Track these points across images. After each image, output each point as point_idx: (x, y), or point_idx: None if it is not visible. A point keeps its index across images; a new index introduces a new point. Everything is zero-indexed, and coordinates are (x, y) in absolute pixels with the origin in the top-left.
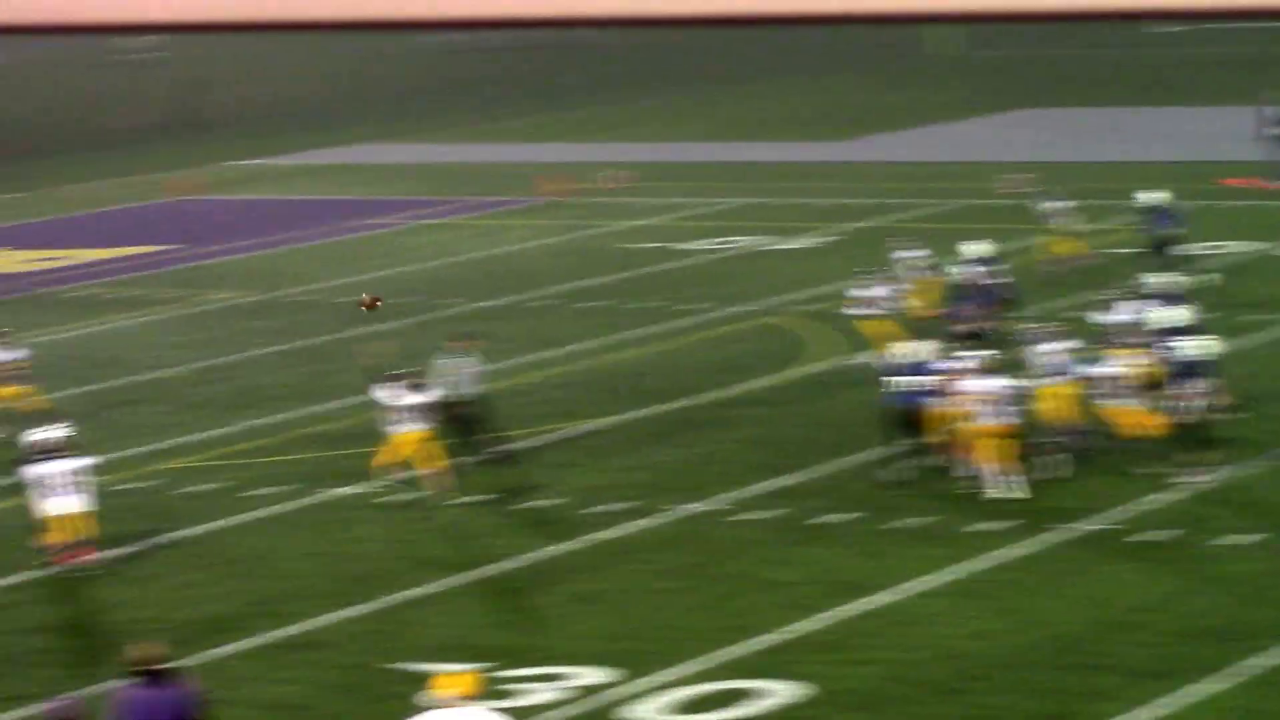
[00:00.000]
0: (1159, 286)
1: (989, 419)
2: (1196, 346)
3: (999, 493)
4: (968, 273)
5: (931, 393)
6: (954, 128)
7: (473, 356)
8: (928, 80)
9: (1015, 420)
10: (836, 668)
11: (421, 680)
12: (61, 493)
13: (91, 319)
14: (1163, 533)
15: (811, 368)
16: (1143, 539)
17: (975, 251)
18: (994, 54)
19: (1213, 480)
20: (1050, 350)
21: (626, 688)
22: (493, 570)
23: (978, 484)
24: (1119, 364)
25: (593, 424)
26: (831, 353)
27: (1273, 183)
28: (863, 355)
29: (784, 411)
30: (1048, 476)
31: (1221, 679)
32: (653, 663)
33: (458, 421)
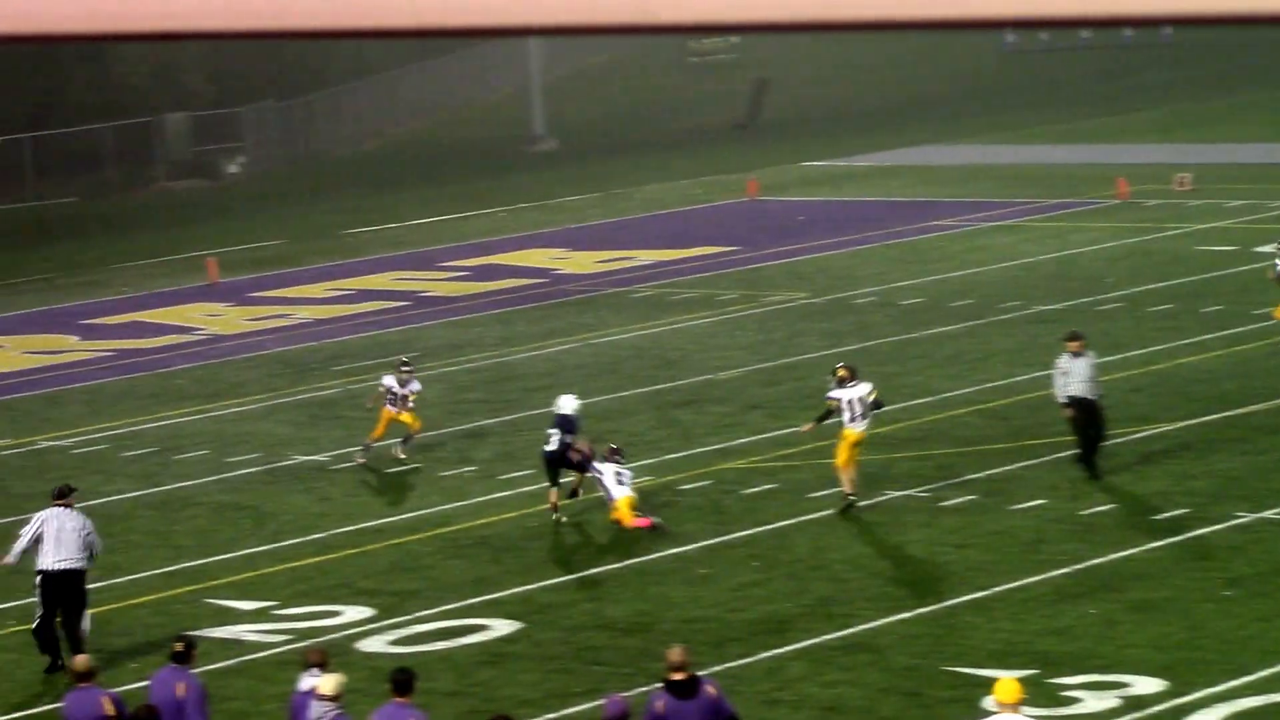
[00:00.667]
0: None
1: None
2: None
3: None
4: None
5: None
6: None
7: (1087, 357)
8: None
9: None
10: None
11: (976, 685)
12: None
13: (658, 319)
14: None
15: None
16: None
17: None
18: None
19: None
20: None
21: (1181, 699)
22: (1050, 576)
23: None
24: None
25: (1162, 428)
26: None
27: None
28: None
29: None
30: None
31: None
32: (1212, 674)
33: (1082, 421)
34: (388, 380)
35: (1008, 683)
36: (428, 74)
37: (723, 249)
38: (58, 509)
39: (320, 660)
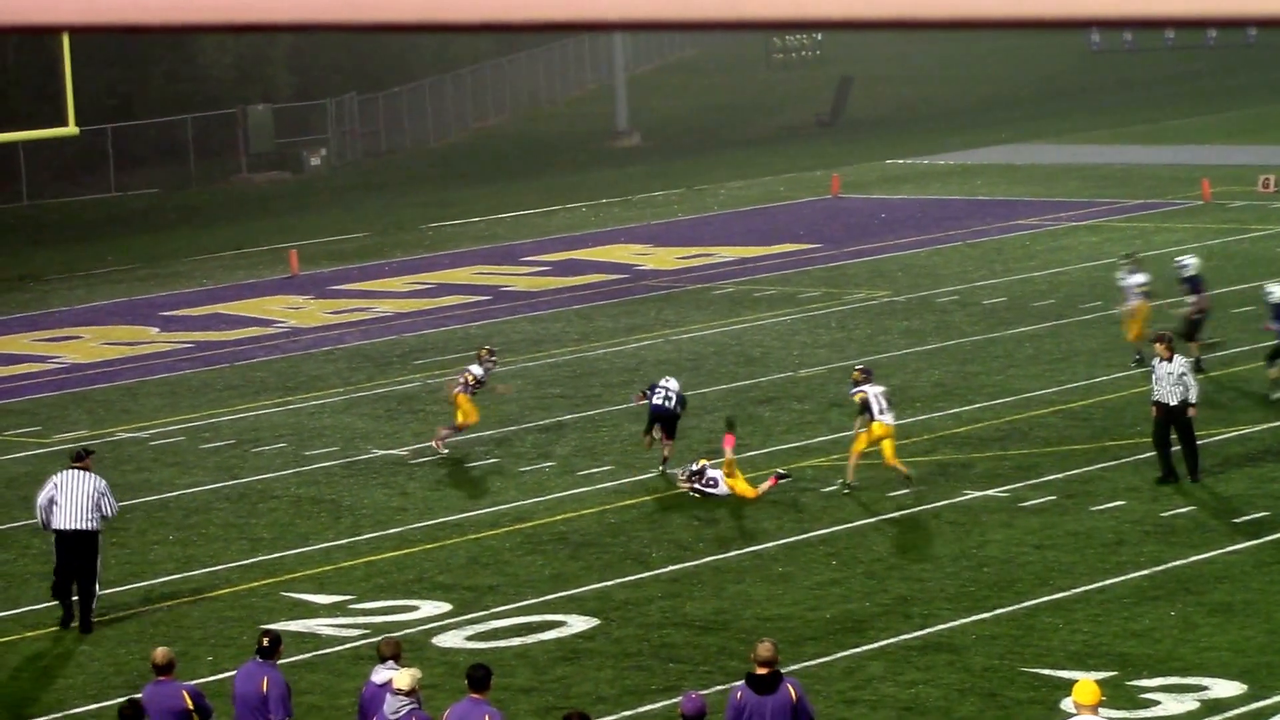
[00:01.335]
0: None
1: None
2: None
3: None
4: None
5: None
6: None
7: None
8: None
9: None
10: None
11: (1055, 687)
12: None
13: (740, 316)
14: None
15: None
16: None
17: None
18: None
19: None
20: None
21: (1261, 703)
22: (1129, 577)
23: None
24: None
25: (1244, 430)
26: None
27: None
28: None
29: None
30: None
31: None
32: None
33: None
34: (475, 369)
35: (1087, 684)
36: (511, 68)
37: (805, 246)
38: (73, 471)
39: (394, 652)
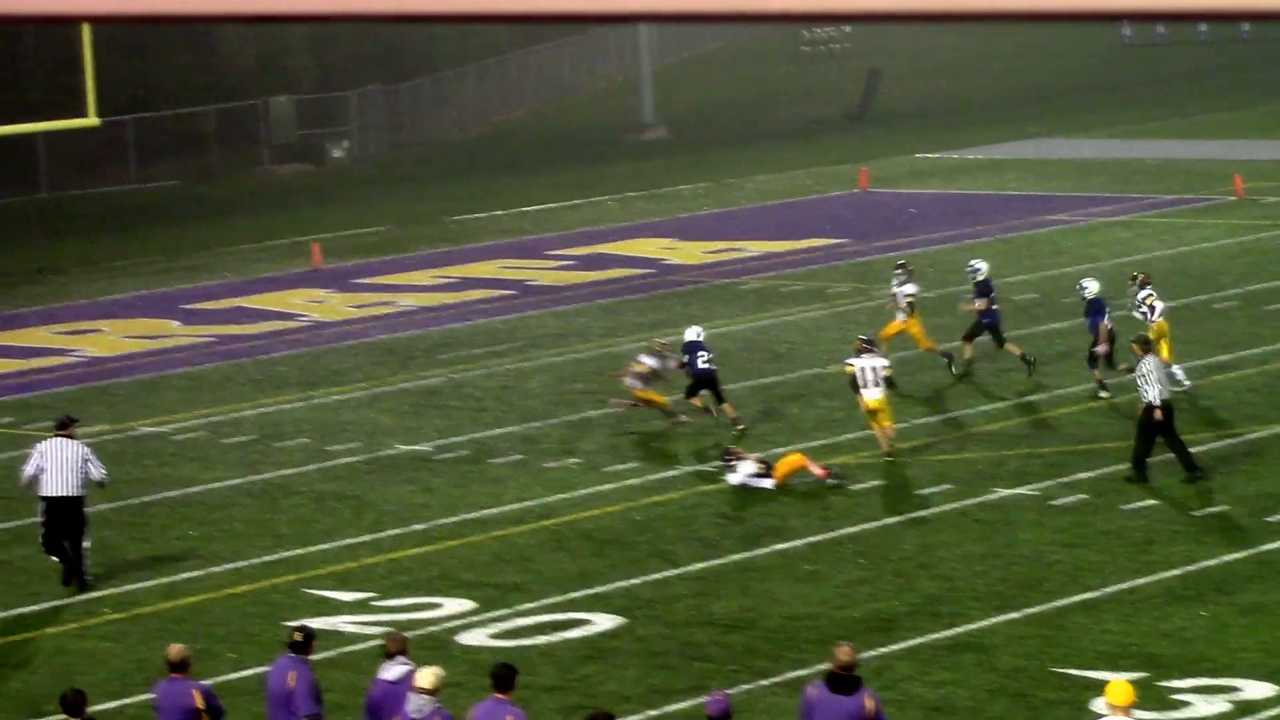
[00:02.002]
0: None
1: None
2: None
3: None
4: None
5: None
6: None
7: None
8: None
9: None
10: None
11: (1085, 688)
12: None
13: (768, 311)
14: None
15: None
16: None
17: None
18: None
19: None
20: None
21: None
22: (1160, 577)
23: None
24: None
25: (1276, 429)
26: None
27: None
28: None
29: None
30: None
31: None
32: None
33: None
34: (649, 360)
35: (1121, 685)
36: (535, 60)
37: (833, 241)
38: (58, 439)
39: (399, 649)
